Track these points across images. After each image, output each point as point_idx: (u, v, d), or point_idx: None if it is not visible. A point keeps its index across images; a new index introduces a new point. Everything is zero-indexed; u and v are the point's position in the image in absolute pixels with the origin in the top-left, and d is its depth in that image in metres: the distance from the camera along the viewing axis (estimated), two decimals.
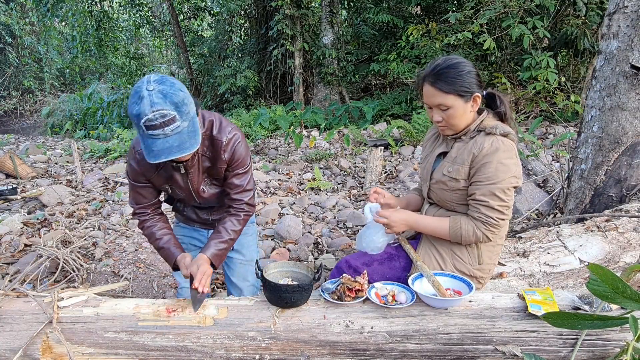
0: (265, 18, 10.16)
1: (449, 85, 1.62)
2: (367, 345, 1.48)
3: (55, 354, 1.54)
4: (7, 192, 4.67)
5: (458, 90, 1.62)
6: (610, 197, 2.69)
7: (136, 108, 1.40)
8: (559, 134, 5.69)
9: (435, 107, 1.69)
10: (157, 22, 13.02)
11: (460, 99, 1.64)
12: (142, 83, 1.43)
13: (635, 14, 2.53)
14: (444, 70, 1.63)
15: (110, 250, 3.32)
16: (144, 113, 1.39)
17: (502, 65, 7.39)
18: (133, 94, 1.42)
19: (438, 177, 1.78)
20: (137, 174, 1.74)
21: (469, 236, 1.68)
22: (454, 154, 1.74)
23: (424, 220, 1.78)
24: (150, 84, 1.41)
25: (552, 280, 2.07)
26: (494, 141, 1.64)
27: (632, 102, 2.58)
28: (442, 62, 1.66)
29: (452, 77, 1.62)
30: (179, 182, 1.77)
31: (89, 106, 12.30)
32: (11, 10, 13.48)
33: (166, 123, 1.41)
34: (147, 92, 1.40)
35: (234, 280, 2.08)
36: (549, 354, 1.44)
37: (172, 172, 1.73)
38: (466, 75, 1.62)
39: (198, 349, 1.51)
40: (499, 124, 1.69)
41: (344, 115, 8.16)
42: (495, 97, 1.76)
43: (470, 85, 1.63)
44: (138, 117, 1.40)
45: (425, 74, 1.68)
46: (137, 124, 1.42)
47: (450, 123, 1.69)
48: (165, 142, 1.44)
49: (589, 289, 1.08)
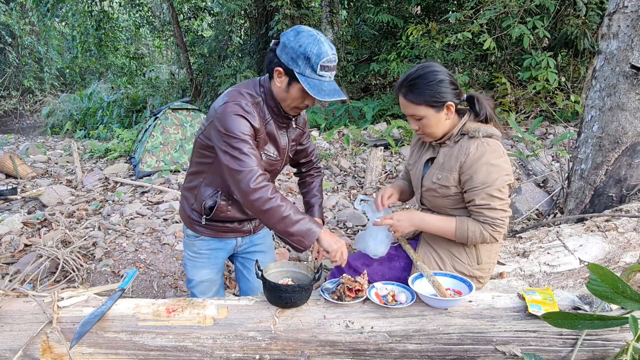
0: (265, 18, 10.17)
1: (418, 96, 1.62)
2: (367, 345, 1.48)
3: (55, 354, 1.54)
4: (7, 192, 4.68)
5: (428, 101, 1.62)
6: (610, 197, 2.69)
7: (317, 48, 1.49)
8: (559, 134, 5.69)
9: (410, 117, 1.70)
10: (157, 22, 13.03)
11: (431, 109, 1.63)
12: (310, 31, 1.53)
13: (635, 14, 2.53)
14: (414, 82, 1.63)
15: (110, 250, 3.32)
16: (326, 53, 1.50)
17: (502, 65, 7.39)
18: (305, 36, 1.51)
19: (428, 184, 1.77)
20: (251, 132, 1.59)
21: (476, 238, 1.67)
22: (441, 159, 1.73)
23: (429, 218, 1.76)
24: (319, 33, 1.54)
25: (552, 280, 2.07)
26: (479, 145, 1.63)
27: (632, 102, 2.58)
28: (413, 72, 1.65)
29: (422, 87, 1.61)
30: (279, 141, 1.74)
31: (89, 106, 12.31)
32: (11, 10, 13.48)
33: (333, 68, 1.55)
34: (322, 37, 1.53)
35: (251, 278, 2.06)
36: (549, 354, 1.44)
37: (275, 129, 1.71)
38: (436, 85, 1.61)
39: (198, 349, 1.51)
40: (481, 127, 1.68)
41: (344, 115, 8.16)
42: (474, 100, 1.73)
43: (441, 95, 1.62)
44: (318, 56, 1.49)
45: (399, 84, 1.68)
46: (312, 63, 1.50)
47: (426, 132, 1.70)
48: (330, 85, 1.55)
49: (589, 289, 1.08)
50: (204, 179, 1.78)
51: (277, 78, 1.60)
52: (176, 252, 3.35)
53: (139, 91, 12.28)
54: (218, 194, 1.77)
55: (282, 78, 1.59)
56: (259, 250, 2.04)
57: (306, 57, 1.49)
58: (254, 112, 1.60)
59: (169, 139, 6.07)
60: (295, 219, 1.54)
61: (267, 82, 1.67)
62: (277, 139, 1.73)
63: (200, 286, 1.95)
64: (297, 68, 1.51)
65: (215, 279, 1.98)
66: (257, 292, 2.03)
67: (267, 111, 1.68)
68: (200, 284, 1.95)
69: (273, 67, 1.59)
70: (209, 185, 1.77)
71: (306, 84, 1.51)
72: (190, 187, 1.84)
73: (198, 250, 1.90)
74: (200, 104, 10.90)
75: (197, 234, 1.87)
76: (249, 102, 1.61)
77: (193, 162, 1.82)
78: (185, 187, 1.88)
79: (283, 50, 1.55)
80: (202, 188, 1.78)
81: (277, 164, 1.80)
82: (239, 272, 2.12)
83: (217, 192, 1.77)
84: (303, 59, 1.49)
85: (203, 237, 1.88)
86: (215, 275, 1.97)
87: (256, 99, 1.65)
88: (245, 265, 2.07)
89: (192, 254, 1.92)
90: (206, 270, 1.94)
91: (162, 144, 5.99)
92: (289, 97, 1.61)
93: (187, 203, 1.86)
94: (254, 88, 1.68)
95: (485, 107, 1.72)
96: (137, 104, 11.88)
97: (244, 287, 2.13)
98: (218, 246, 1.91)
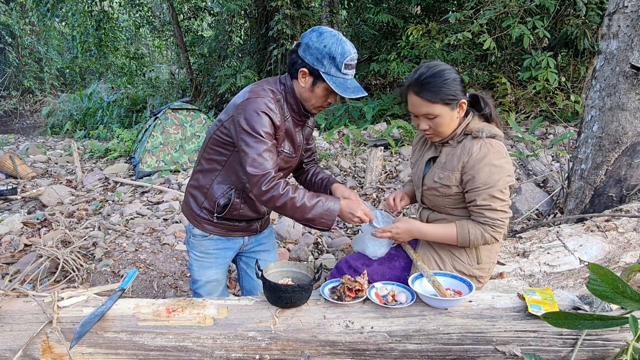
0: (265, 18, 10.16)
1: (435, 94, 1.60)
2: (367, 345, 1.48)
3: (55, 354, 1.54)
4: (7, 192, 4.68)
5: (444, 99, 1.60)
6: (610, 197, 2.69)
7: (340, 47, 1.55)
8: (559, 134, 5.69)
9: (422, 116, 1.66)
10: (157, 22, 13.02)
11: (446, 107, 1.62)
12: (331, 31, 1.59)
13: (635, 14, 2.53)
14: (428, 79, 1.60)
15: (110, 250, 3.32)
16: (350, 52, 1.57)
17: (502, 65, 7.39)
18: (328, 37, 1.57)
19: (429, 183, 1.77)
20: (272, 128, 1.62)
21: (478, 240, 1.68)
22: (443, 159, 1.73)
23: (427, 228, 1.77)
24: (339, 33, 1.60)
25: (552, 280, 2.07)
26: (482, 145, 1.63)
27: (632, 102, 2.58)
28: (425, 70, 1.62)
29: (438, 85, 1.59)
30: (295, 139, 1.78)
31: (89, 106, 12.30)
32: (11, 10, 13.47)
33: (355, 66, 1.61)
34: (342, 37, 1.58)
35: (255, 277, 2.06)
36: (549, 354, 1.44)
37: (292, 127, 1.75)
38: (451, 83, 1.60)
39: (198, 349, 1.51)
40: (485, 127, 1.68)
41: (344, 115, 8.16)
42: (479, 99, 1.74)
43: (456, 92, 1.61)
44: (343, 56, 1.55)
45: (410, 83, 1.65)
46: (337, 62, 1.55)
47: (438, 131, 1.68)
48: (352, 82, 1.61)
49: (589, 289, 1.08)
50: (217, 177, 1.78)
51: (302, 78, 1.64)
52: (176, 252, 3.35)
53: (139, 91, 12.27)
54: (232, 191, 1.77)
55: (306, 78, 1.63)
56: (264, 249, 2.04)
57: (331, 57, 1.55)
58: (276, 109, 1.63)
59: (169, 139, 6.07)
60: (310, 204, 1.59)
61: (288, 80, 1.70)
62: (294, 136, 1.77)
63: (207, 287, 1.94)
64: (322, 68, 1.57)
65: (221, 279, 1.98)
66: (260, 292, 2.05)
67: (287, 109, 1.71)
68: (207, 285, 1.94)
69: (298, 67, 1.62)
70: (222, 183, 1.77)
71: (332, 83, 1.56)
72: (199, 185, 1.83)
73: (206, 250, 1.89)
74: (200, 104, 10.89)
75: (206, 234, 1.86)
76: (271, 98, 1.64)
77: (204, 159, 1.81)
78: (192, 185, 1.86)
79: (307, 51, 1.59)
80: (215, 186, 1.78)
81: (293, 160, 1.83)
82: (242, 272, 2.12)
83: (231, 189, 1.77)
84: (328, 58, 1.55)
85: (212, 237, 1.87)
86: (222, 275, 1.98)
87: (277, 96, 1.68)
88: (249, 264, 2.07)
89: (199, 254, 1.90)
90: (213, 271, 1.93)
91: (162, 144, 5.99)
92: (313, 96, 1.66)
93: (195, 202, 1.85)
94: (275, 85, 1.71)
95: (490, 106, 1.73)
96: (137, 104, 11.88)
97: (247, 287, 2.13)
98: (226, 245, 1.91)
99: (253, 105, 1.59)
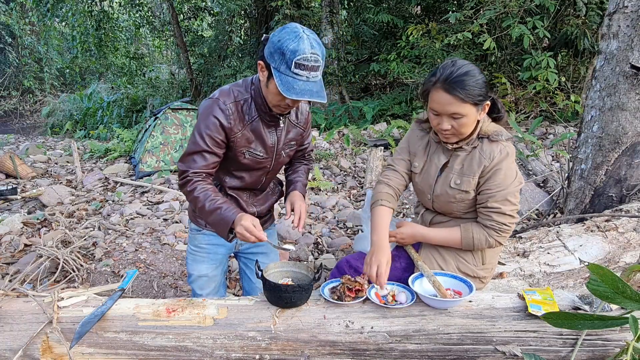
0: (265, 18, 10.17)
1: (468, 94, 1.53)
2: (367, 345, 1.48)
3: (55, 354, 1.54)
4: (7, 192, 4.68)
5: (475, 100, 1.55)
6: (610, 197, 2.69)
7: (294, 44, 1.44)
8: (559, 134, 5.69)
9: (447, 115, 1.58)
10: (157, 22, 13.02)
11: (474, 108, 1.57)
12: (295, 27, 1.49)
13: (635, 14, 2.53)
14: (461, 78, 1.53)
15: (110, 250, 3.32)
16: (303, 51, 1.44)
17: (502, 65, 7.39)
18: (288, 32, 1.47)
19: (444, 189, 1.72)
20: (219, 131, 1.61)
21: (482, 244, 1.68)
22: (459, 164, 1.69)
23: (431, 233, 1.77)
24: (305, 30, 1.48)
25: (552, 280, 2.07)
26: (502, 148, 1.62)
27: (632, 102, 2.58)
28: (456, 68, 1.55)
29: (471, 85, 1.53)
30: (265, 140, 1.72)
31: (89, 106, 12.29)
32: (11, 10, 13.47)
33: (314, 68, 1.48)
34: (305, 35, 1.47)
35: (253, 278, 2.08)
36: (549, 354, 1.44)
37: (262, 127, 1.70)
38: (482, 84, 1.56)
39: (198, 349, 1.51)
40: (501, 130, 1.66)
41: (344, 115, 8.16)
42: (497, 102, 1.72)
43: (485, 93, 1.58)
44: (294, 53, 1.44)
45: (439, 79, 1.56)
46: (286, 59, 1.45)
47: (459, 132, 1.62)
48: (306, 85, 1.49)
49: (589, 289, 1.08)
50: None
51: (260, 72, 1.59)
52: (176, 252, 3.35)
53: (139, 91, 12.27)
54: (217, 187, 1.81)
55: (263, 72, 1.58)
56: (261, 251, 2.04)
57: (281, 52, 1.46)
58: (231, 112, 1.61)
59: (169, 139, 6.07)
60: (209, 209, 1.60)
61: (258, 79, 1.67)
62: (264, 137, 1.71)
63: (198, 281, 1.97)
64: (273, 62, 1.49)
65: (213, 275, 1.98)
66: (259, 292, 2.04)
67: (255, 109, 1.68)
68: (199, 279, 1.96)
69: (257, 59, 1.59)
70: None
71: (278, 79, 1.48)
72: None
73: (199, 244, 1.92)
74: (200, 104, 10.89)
75: (200, 228, 1.90)
76: (228, 100, 1.63)
77: None
78: None
79: (267, 43, 1.54)
80: None
81: (266, 162, 1.78)
82: (242, 272, 2.14)
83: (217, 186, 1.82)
84: (279, 53, 1.46)
85: (204, 232, 1.90)
86: (213, 271, 1.98)
87: (239, 98, 1.65)
88: (248, 265, 2.08)
89: (193, 248, 1.95)
90: (205, 265, 1.95)
91: (162, 144, 5.99)
92: (269, 92, 1.59)
93: None
94: (245, 86, 1.69)
95: (502, 107, 1.73)
96: (137, 104, 11.88)
97: (246, 287, 2.14)
98: (218, 242, 1.91)
99: (206, 106, 1.63)
